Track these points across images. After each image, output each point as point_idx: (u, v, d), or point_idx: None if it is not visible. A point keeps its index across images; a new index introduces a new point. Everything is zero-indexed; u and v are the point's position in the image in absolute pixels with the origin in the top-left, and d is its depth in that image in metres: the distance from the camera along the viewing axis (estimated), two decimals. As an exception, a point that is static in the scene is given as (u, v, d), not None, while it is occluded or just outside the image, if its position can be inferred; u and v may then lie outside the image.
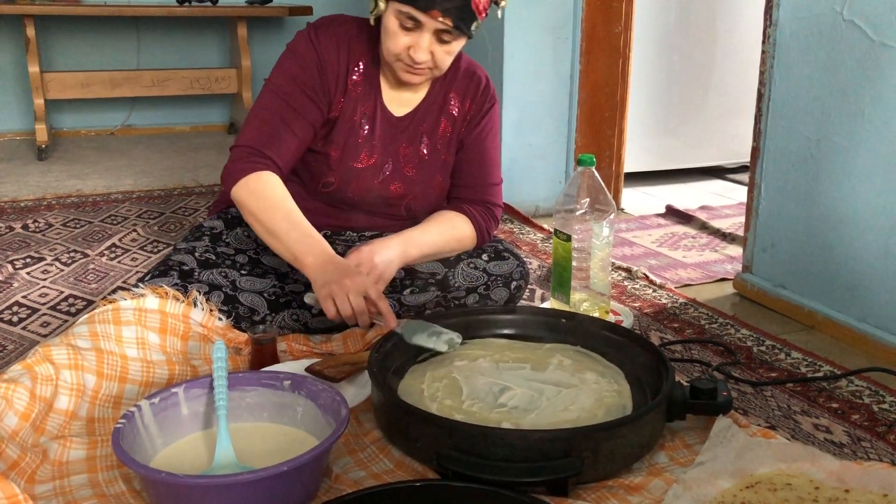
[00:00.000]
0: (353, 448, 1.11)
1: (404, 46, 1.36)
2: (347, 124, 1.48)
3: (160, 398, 1.06)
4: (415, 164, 1.53)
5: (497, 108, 1.59)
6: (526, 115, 2.54)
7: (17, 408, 1.07)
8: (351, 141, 1.49)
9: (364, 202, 1.53)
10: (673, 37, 2.89)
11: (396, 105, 1.52)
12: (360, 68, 1.48)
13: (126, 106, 3.83)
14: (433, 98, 1.53)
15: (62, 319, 1.60)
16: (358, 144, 1.49)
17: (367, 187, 1.51)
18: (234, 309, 1.40)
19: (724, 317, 1.68)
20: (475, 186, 1.56)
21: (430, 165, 1.54)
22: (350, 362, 1.25)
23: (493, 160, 1.58)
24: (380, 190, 1.52)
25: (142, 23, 3.75)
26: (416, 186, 1.53)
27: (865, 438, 1.20)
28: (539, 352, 1.32)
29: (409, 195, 1.54)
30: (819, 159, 1.63)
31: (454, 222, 1.52)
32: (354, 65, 1.47)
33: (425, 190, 1.54)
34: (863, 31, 1.51)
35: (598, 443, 1.00)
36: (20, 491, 0.84)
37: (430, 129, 1.53)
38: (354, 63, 1.47)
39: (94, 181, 2.85)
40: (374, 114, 1.50)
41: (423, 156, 1.53)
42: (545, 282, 1.86)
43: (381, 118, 1.50)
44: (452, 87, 1.54)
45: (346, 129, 1.48)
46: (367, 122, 1.49)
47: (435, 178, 1.54)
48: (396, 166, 1.52)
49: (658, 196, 2.83)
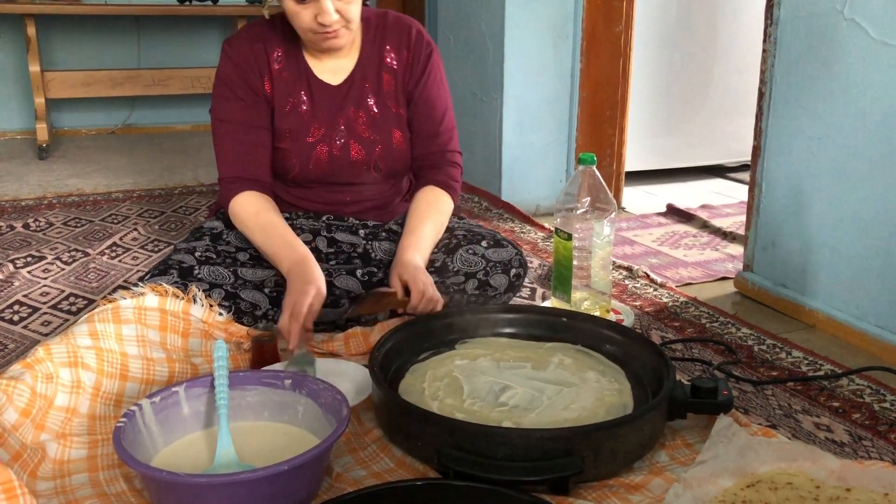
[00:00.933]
0: (354, 447, 1.11)
1: (311, 18, 1.40)
2: (285, 108, 1.53)
3: (161, 397, 1.06)
4: (367, 124, 1.56)
5: (437, 53, 1.61)
6: (527, 113, 2.54)
7: (17, 404, 1.07)
8: (295, 122, 1.53)
9: (333, 175, 1.57)
10: (674, 35, 2.89)
11: (331, 75, 1.56)
12: (280, 55, 1.53)
13: (127, 105, 3.83)
14: (368, 57, 1.57)
15: (63, 318, 1.60)
16: (303, 122, 1.54)
17: (327, 160, 1.55)
18: (235, 305, 1.41)
19: (724, 316, 1.68)
20: (431, 137, 1.59)
21: (383, 122, 1.57)
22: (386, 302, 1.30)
23: (444, 107, 1.61)
24: (341, 159, 1.56)
25: (142, 22, 3.75)
26: (377, 146, 1.57)
27: (866, 437, 1.20)
28: (540, 351, 1.32)
29: (373, 156, 1.57)
30: (820, 158, 1.63)
31: (437, 205, 1.55)
32: (273, 54, 1.53)
33: (387, 148, 1.57)
34: (864, 29, 1.51)
35: (599, 442, 1.00)
36: (16, 477, 0.84)
37: (375, 87, 1.57)
38: (272, 53, 1.53)
39: (94, 180, 2.85)
40: (310, 90, 1.54)
41: (374, 115, 1.56)
42: (546, 280, 1.86)
43: (319, 91, 1.55)
44: (386, 41, 1.57)
45: (284, 114, 1.53)
46: (306, 100, 1.54)
47: (393, 133, 1.57)
48: (350, 130, 1.55)
49: (659, 195, 2.83)
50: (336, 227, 1.61)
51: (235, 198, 1.49)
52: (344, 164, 1.56)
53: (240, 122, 1.51)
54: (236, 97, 1.51)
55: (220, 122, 1.53)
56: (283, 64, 1.53)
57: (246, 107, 1.51)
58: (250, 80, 1.51)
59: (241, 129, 1.51)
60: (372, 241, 1.59)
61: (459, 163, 1.63)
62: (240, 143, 1.51)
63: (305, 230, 1.59)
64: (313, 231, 1.59)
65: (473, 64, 2.67)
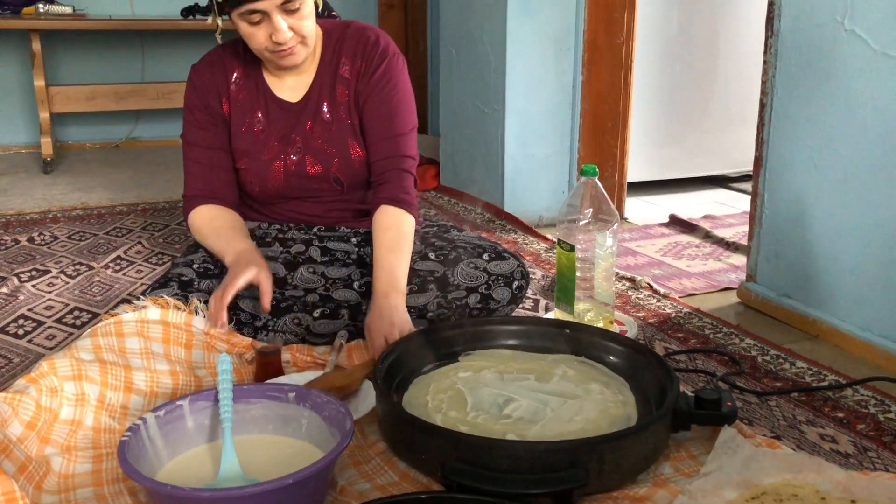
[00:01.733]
0: (358, 460, 1.11)
1: (265, 38, 1.42)
2: (241, 128, 1.57)
3: (165, 411, 1.07)
4: (323, 137, 1.57)
5: (398, 60, 1.57)
6: (529, 125, 2.55)
7: (22, 417, 1.07)
8: (250, 141, 1.57)
9: (292, 190, 1.59)
10: (675, 47, 2.90)
11: (290, 92, 1.58)
12: (237, 77, 1.57)
13: (131, 118, 3.85)
14: (325, 70, 1.57)
15: (67, 332, 1.61)
16: (258, 141, 1.57)
17: (283, 175, 1.57)
18: (235, 315, 1.41)
19: (728, 326, 1.68)
20: (381, 140, 1.53)
21: (338, 134, 1.56)
22: (339, 386, 1.23)
23: (399, 109, 1.54)
24: (298, 174, 1.57)
25: (146, 36, 3.77)
26: (334, 158, 1.57)
27: (871, 448, 1.20)
28: (543, 362, 1.32)
29: (331, 169, 1.57)
30: (822, 168, 1.63)
31: (399, 228, 1.48)
32: (230, 76, 1.57)
33: (344, 160, 1.57)
34: (864, 40, 1.52)
35: (603, 454, 1.00)
36: (18, 488, 0.84)
37: (330, 100, 1.57)
38: (230, 75, 1.57)
39: (98, 194, 2.86)
40: (267, 109, 1.57)
41: (329, 127, 1.56)
42: (549, 292, 1.86)
43: (276, 110, 1.57)
44: (342, 52, 1.56)
45: (241, 134, 1.57)
46: (262, 118, 1.57)
47: (349, 145, 1.56)
48: (307, 145, 1.56)
49: (661, 205, 2.83)
50: (328, 237, 1.63)
51: (193, 211, 1.55)
52: (301, 178, 1.58)
53: (201, 144, 1.56)
54: (197, 121, 1.57)
55: (185, 143, 1.59)
56: (241, 85, 1.57)
57: (206, 130, 1.56)
58: (209, 103, 1.56)
59: (203, 151, 1.56)
60: (365, 247, 1.60)
61: (411, 170, 1.55)
62: (201, 164, 1.56)
63: (297, 241, 1.61)
64: (305, 242, 1.60)
65: (476, 76, 2.68)
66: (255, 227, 1.64)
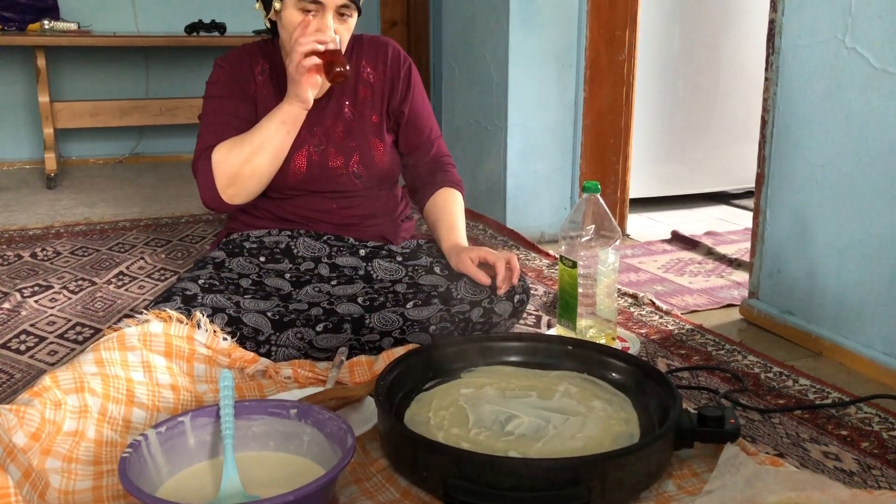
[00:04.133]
0: (360, 477, 1.10)
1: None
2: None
3: (167, 427, 1.06)
4: (344, 133, 1.65)
5: (415, 68, 1.72)
6: (531, 142, 2.55)
7: (27, 428, 1.07)
8: None
9: (313, 182, 1.63)
10: (676, 64, 2.91)
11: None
12: (264, 71, 1.65)
13: (134, 134, 3.87)
14: None
15: (69, 348, 1.61)
16: None
17: (306, 166, 1.62)
18: (238, 330, 1.41)
19: (731, 343, 1.68)
20: (426, 146, 1.72)
21: (359, 129, 1.65)
22: (339, 396, 1.24)
23: (430, 117, 1.74)
24: (320, 165, 1.62)
25: (150, 53, 3.79)
26: (354, 153, 1.64)
27: (875, 466, 1.19)
28: (545, 379, 1.32)
29: (351, 162, 1.63)
30: (824, 185, 1.64)
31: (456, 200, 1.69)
32: (257, 69, 1.64)
33: (365, 155, 1.65)
34: (865, 58, 1.52)
35: (606, 471, 1.00)
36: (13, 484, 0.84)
37: (352, 99, 1.66)
38: (257, 67, 1.65)
39: (102, 209, 2.87)
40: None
41: (351, 124, 1.64)
42: (551, 308, 1.86)
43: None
44: (363, 58, 1.68)
45: None
46: None
47: (370, 141, 1.65)
48: (328, 139, 1.64)
49: (663, 222, 2.83)
50: (337, 250, 1.63)
51: (211, 151, 1.54)
52: (323, 170, 1.62)
53: (225, 111, 1.60)
54: (226, 91, 1.62)
55: (205, 116, 1.62)
56: (266, 77, 1.64)
57: (233, 101, 1.61)
58: (240, 82, 1.63)
59: (225, 116, 1.59)
60: (372, 261, 1.61)
61: (454, 164, 1.75)
62: (223, 113, 1.59)
63: (307, 258, 1.61)
64: (315, 259, 1.61)
65: (478, 93, 2.69)
66: (265, 233, 1.65)
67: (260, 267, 1.58)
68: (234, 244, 1.63)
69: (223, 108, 1.60)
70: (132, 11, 3.76)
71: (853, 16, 1.54)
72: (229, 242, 1.64)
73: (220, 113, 1.60)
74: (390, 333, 1.46)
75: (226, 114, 1.59)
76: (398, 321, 1.46)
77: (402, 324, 1.47)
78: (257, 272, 1.57)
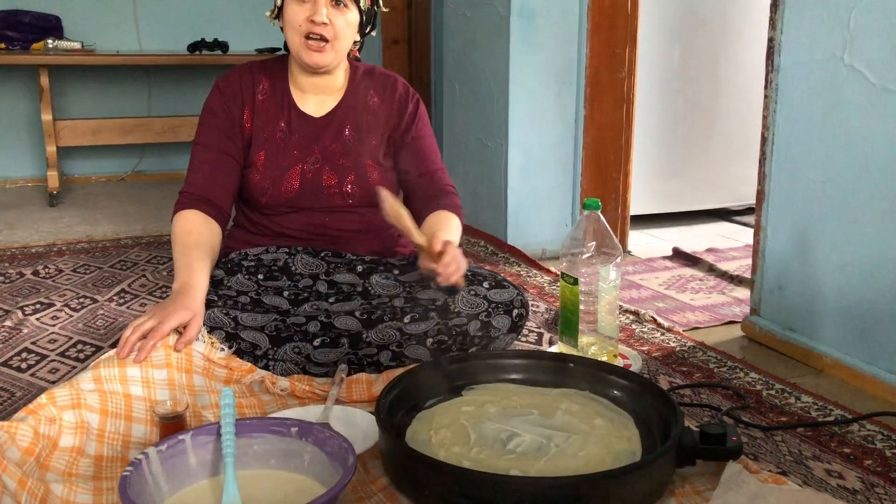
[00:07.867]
0: (361, 496, 1.10)
1: (305, 17, 1.52)
2: (263, 137, 1.65)
3: (167, 445, 1.06)
4: (342, 152, 1.66)
5: (422, 105, 1.75)
6: (532, 159, 2.56)
7: (20, 443, 1.07)
8: (270, 148, 1.64)
9: (304, 198, 1.64)
10: (676, 82, 2.92)
11: (314, 108, 1.68)
12: (265, 87, 1.66)
13: (137, 152, 3.88)
14: (352, 97, 1.69)
15: (70, 366, 1.61)
16: (278, 148, 1.65)
17: (298, 182, 1.63)
18: (236, 345, 1.42)
19: (732, 360, 1.67)
20: (429, 175, 1.71)
21: (357, 149, 1.66)
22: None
23: (434, 149, 1.75)
24: (313, 182, 1.64)
25: (153, 71, 3.81)
26: (349, 172, 1.65)
27: (879, 484, 1.19)
28: (547, 397, 1.32)
29: (345, 181, 1.64)
30: (824, 202, 1.64)
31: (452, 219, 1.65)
32: (258, 86, 1.66)
33: (360, 176, 1.65)
34: (863, 75, 1.53)
35: (608, 490, 1.00)
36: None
37: (354, 123, 1.68)
38: (258, 84, 1.66)
39: (104, 227, 2.87)
40: (290, 120, 1.66)
41: (349, 144, 1.66)
42: (553, 325, 1.86)
43: (299, 122, 1.66)
44: (371, 87, 1.71)
45: (262, 142, 1.64)
46: (284, 127, 1.66)
47: (366, 162, 1.66)
48: (325, 157, 1.65)
49: (665, 239, 2.83)
50: (335, 266, 1.64)
51: (182, 212, 1.57)
52: (315, 187, 1.64)
53: (212, 146, 1.62)
54: (215, 125, 1.63)
55: (196, 145, 1.65)
56: (267, 95, 1.66)
57: (221, 134, 1.63)
58: (231, 110, 1.63)
59: (212, 153, 1.62)
60: (369, 278, 1.61)
61: (457, 193, 1.74)
62: (207, 163, 1.62)
63: (305, 276, 1.61)
64: (313, 276, 1.61)
65: (478, 110, 2.70)
66: (263, 251, 1.65)
67: (258, 284, 1.58)
68: (232, 263, 1.64)
69: (211, 141, 1.63)
70: (135, 30, 3.78)
71: (852, 33, 1.55)
72: (228, 262, 1.65)
73: (208, 148, 1.62)
74: (388, 347, 1.46)
75: (211, 165, 1.61)
76: (396, 335, 1.47)
77: (399, 338, 1.47)
78: (255, 290, 1.57)
